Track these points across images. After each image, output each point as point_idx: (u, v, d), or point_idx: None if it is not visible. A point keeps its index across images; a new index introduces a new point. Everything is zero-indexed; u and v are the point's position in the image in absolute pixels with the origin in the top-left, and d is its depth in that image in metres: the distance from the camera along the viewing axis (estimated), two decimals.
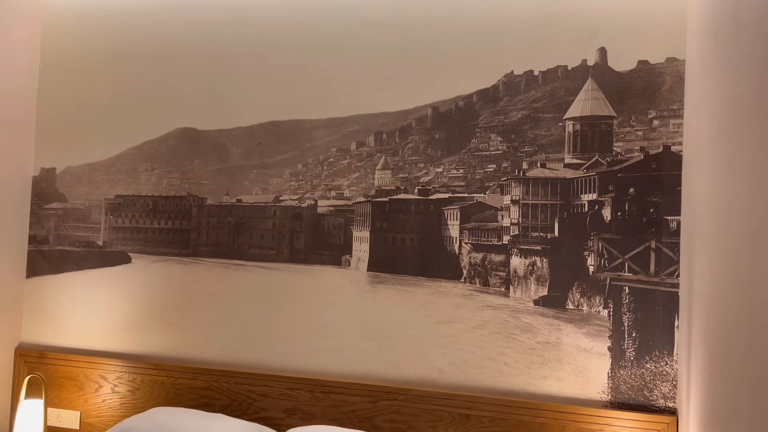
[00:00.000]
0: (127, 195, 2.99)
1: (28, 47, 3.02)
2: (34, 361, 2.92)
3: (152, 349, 2.85)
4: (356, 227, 2.73)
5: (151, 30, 2.96)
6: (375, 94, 2.71)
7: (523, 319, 2.51)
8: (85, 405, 2.86)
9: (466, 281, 2.59)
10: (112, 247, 2.99)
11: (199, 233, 2.91)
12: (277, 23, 2.82)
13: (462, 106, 2.63)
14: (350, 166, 2.77)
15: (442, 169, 2.64)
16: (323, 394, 2.61)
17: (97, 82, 3.02)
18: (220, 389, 2.70)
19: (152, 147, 2.96)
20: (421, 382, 2.56)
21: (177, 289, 2.88)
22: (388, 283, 2.67)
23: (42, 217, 3.07)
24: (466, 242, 2.59)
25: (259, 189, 2.86)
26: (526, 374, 2.47)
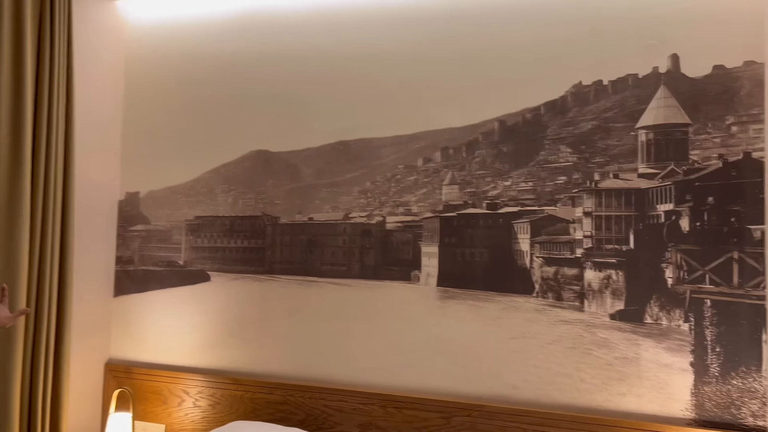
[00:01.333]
0: (206, 216, 3.13)
1: (113, 81, 3.23)
2: (121, 376, 3.08)
3: (231, 364, 2.95)
4: (424, 242, 2.75)
5: (224, 60, 3.10)
6: (440, 110, 2.74)
7: (599, 333, 2.45)
8: (169, 418, 2.98)
9: (539, 296, 2.55)
10: (192, 266, 3.13)
11: (273, 251, 3.00)
12: (342, 47, 2.90)
13: (529, 119, 2.62)
14: (417, 182, 2.79)
15: (511, 183, 2.63)
16: (396, 409, 2.62)
17: (176, 111, 3.18)
18: (296, 404, 2.76)
19: (228, 170, 3.09)
20: (494, 398, 2.54)
21: (254, 305, 2.98)
22: (458, 298, 2.66)
23: (127, 239, 3.25)
24: (537, 256, 2.56)
25: (330, 207, 2.93)
26: (603, 390, 2.41)
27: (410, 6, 2.80)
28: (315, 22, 2.96)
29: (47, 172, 2.70)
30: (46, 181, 2.70)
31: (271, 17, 3.03)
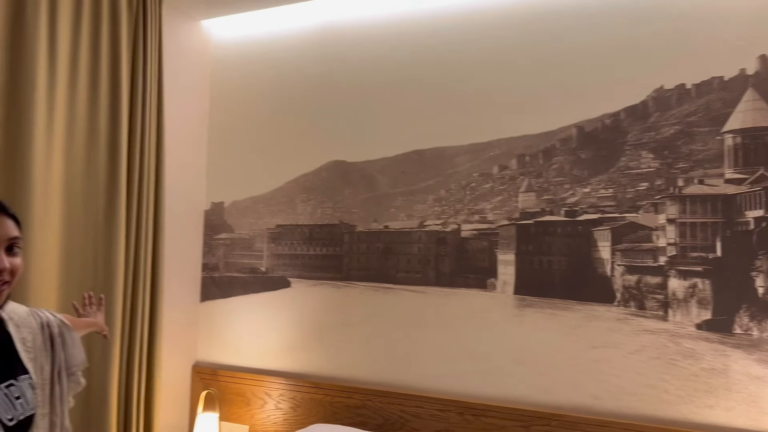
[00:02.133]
0: (286, 224, 3.24)
1: (199, 97, 3.40)
2: (208, 378, 3.22)
3: (311, 369, 3.04)
4: (501, 250, 2.75)
5: (302, 74, 3.21)
6: (516, 117, 2.74)
7: (684, 344, 2.38)
8: (252, 419, 3.10)
9: (620, 304, 2.50)
10: (274, 272, 3.24)
11: (350, 258, 3.08)
12: (417, 56, 2.94)
13: (609, 125, 2.58)
14: (493, 190, 2.80)
15: (590, 190, 2.59)
16: (473, 417, 2.63)
17: (258, 124, 3.31)
18: (374, 408, 2.82)
19: (307, 180, 3.19)
20: (574, 408, 2.50)
21: (332, 311, 3.06)
22: (535, 306, 2.65)
23: (213, 247, 3.40)
24: (618, 264, 2.51)
25: (405, 215, 2.97)
26: (689, 402, 2.34)
27: (484, 14, 2.81)
28: (389, 33, 3.02)
29: (140, 185, 2.87)
30: (140, 193, 2.87)
31: (347, 31, 3.12)
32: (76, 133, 2.65)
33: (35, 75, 2.44)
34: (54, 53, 2.54)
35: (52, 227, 2.55)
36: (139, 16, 2.88)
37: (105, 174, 2.75)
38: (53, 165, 2.55)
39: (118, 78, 2.79)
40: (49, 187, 2.53)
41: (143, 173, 2.88)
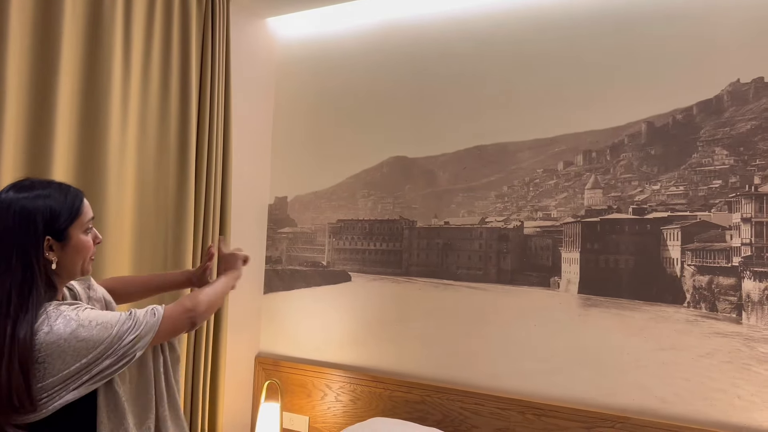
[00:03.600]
0: (347, 219, 3.28)
1: (264, 93, 3.47)
2: (270, 369, 3.30)
3: (371, 362, 3.06)
4: (565, 248, 2.70)
5: (365, 70, 3.23)
6: (582, 112, 2.68)
7: (759, 348, 2.28)
8: (312, 411, 3.15)
9: (690, 306, 2.42)
10: (335, 266, 3.29)
11: (410, 254, 3.09)
12: (478, 51, 2.92)
13: (680, 120, 2.49)
14: (557, 187, 2.75)
15: (659, 187, 2.52)
16: (535, 416, 2.60)
17: (321, 121, 3.36)
18: (433, 404, 2.82)
19: (368, 175, 3.22)
20: (640, 411, 2.44)
21: (392, 306, 3.07)
22: (600, 306, 2.59)
23: (276, 240, 3.47)
24: (688, 264, 2.43)
25: (466, 211, 2.96)
26: (764, 409, 2.24)
27: (550, 7, 2.76)
28: (452, 29, 3.00)
29: (208, 179, 2.96)
30: (207, 187, 2.96)
31: (409, 26, 3.12)
32: (148, 128, 2.75)
33: (111, 73, 2.54)
34: (128, 50, 2.64)
35: (126, 218, 2.66)
36: (208, 13, 2.97)
37: (175, 169, 2.85)
38: (127, 159, 2.65)
39: (188, 75, 2.87)
40: (123, 179, 2.63)
41: (211, 168, 2.97)
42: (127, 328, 1.34)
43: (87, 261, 1.43)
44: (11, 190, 1.35)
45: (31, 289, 1.29)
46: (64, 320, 1.29)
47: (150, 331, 1.37)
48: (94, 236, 1.45)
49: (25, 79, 2.30)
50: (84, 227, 1.41)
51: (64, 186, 1.42)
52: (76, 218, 1.38)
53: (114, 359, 1.32)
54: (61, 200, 1.37)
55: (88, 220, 1.42)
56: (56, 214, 1.35)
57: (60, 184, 1.42)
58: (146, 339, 1.37)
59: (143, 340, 1.36)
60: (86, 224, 1.42)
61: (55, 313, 1.31)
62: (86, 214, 1.42)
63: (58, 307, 1.33)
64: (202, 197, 2.93)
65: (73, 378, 1.28)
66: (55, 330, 1.28)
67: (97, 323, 1.32)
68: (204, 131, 2.94)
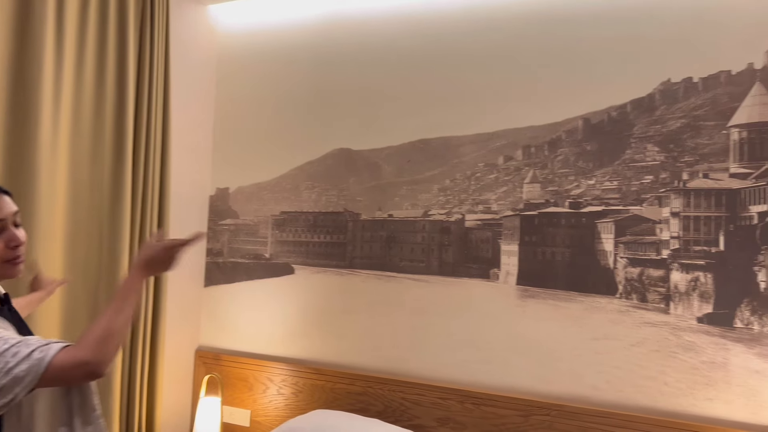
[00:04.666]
0: (291, 211, 3.25)
1: (205, 83, 3.40)
2: (210, 363, 3.25)
3: (313, 355, 3.06)
4: (504, 241, 2.76)
5: (309, 61, 3.21)
6: (523, 108, 2.74)
7: (685, 337, 2.39)
8: (254, 404, 3.13)
9: (622, 297, 2.51)
10: (278, 259, 3.26)
11: (354, 246, 3.09)
12: (424, 46, 2.94)
13: (615, 117, 2.58)
14: (498, 180, 2.80)
15: (595, 182, 2.60)
16: (474, 405, 2.65)
17: (264, 111, 3.32)
18: (375, 395, 2.84)
19: (312, 167, 3.20)
20: (574, 398, 2.52)
21: (335, 298, 3.07)
22: (538, 297, 2.66)
23: (217, 232, 3.42)
24: (621, 256, 2.52)
25: (409, 204, 2.98)
26: (689, 395, 2.35)
27: (493, 6, 2.81)
28: (396, 22, 3.01)
29: (146, 170, 2.88)
30: (145, 178, 2.88)
31: (355, 19, 3.11)
32: (82, 117, 2.66)
33: (42, 58, 2.44)
34: (61, 35, 2.54)
35: (58, 210, 2.56)
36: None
37: (111, 162, 2.76)
38: (59, 148, 2.55)
39: (125, 62, 2.79)
40: (55, 170, 2.54)
41: (149, 159, 2.89)
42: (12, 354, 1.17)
43: None
44: None
45: None
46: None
47: (29, 374, 1.16)
48: (7, 239, 1.33)
49: None
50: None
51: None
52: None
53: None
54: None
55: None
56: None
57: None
58: (26, 380, 1.16)
59: (24, 381, 1.16)
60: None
61: None
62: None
63: None
64: (139, 189, 2.85)
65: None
66: None
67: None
68: (142, 122, 2.86)
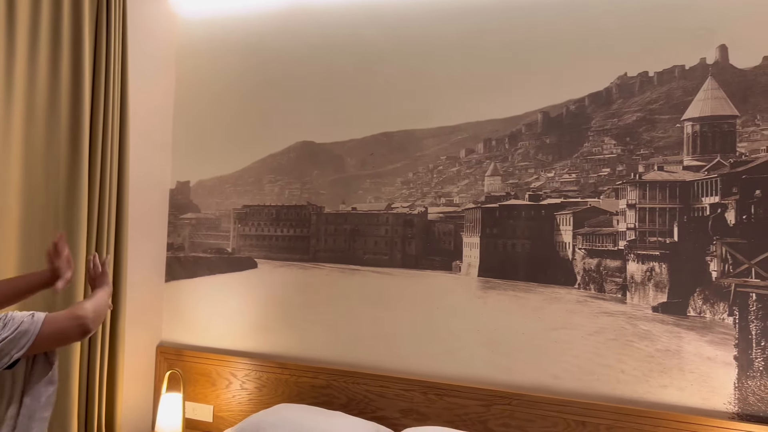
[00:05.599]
0: (253, 205, 3.22)
1: (164, 73, 3.34)
2: (172, 358, 3.21)
3: (277, 349, 3.04)
4: (466, 233, 2.78)
5: (271, 52, 3.18)
6: (483, 101, 2.76)
7: (641, 326, 2.45)
8: (217, 399, 3.10)
9: (581, 287, 2.56)
10: (240, 253, 3.23)
11: (318, 240, 3.08)
12: (386, 39, 2.94)
13: (573, 110, 2.62)
14: (460, 173, 2.83)
15: (554, 174, 2.64)
16: (437, 396, 2.67)
17: (225, 103, 3.28)
18: (339, 388, 2.84)
19: (275, 160, 3.18)
20: (534, 387, 2.57)
21: (299, 292, 3.06)
22: (499, 288, 2.70)
23: (178, 227, 3.37)
24: (579, 248, 2.57)
25: (373, 197, 2.98)
26: (644, 382, 2.41)
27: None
28: (359, 14, 3.01)
29: (103, 162, 2.82)
30: (102, 170, 2.82)
31: (317, 10, 3.09)
32: (35, 108, 2.59)
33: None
34: (12, 20, 2.46)
35: (11, 206, 2.49)
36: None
37: (66, 155, 2.69)
38: (11, 140, 2.48)
39: (80, 50, 2.71)
40: (8, 163, 2.46)
41: (106, 152, 2.82)
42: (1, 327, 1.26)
43: None
44: None
45: None
46: None
47: (26, 335, 1.29)
48: None
49: None
50: None
51: None
52: None
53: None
54: None
55: None
56: None
57: None
58: (23, 341, 1.28)
59: (20, 342, 1.28)
60: None
61: None
62: None
63: None
64: (96, 183, 2.79)
65: None
66: None
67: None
68: (98, 114, 2.79)
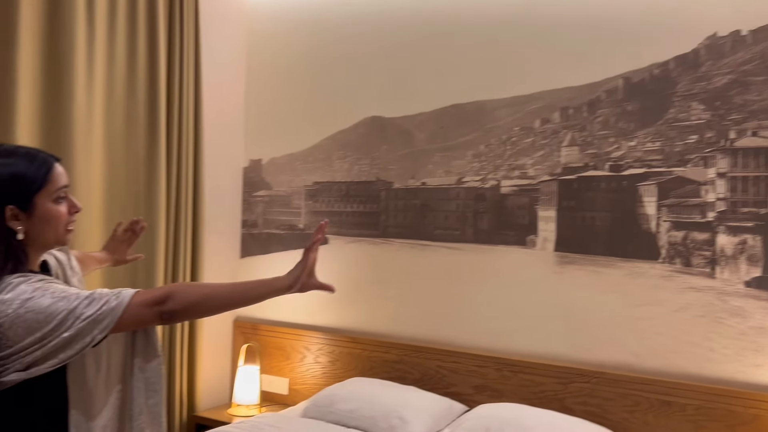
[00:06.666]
0: (323, 181, 3.23)
1: (236, 54, 3.37)
2: (248, 332, 3.28)
3: (349, 324, 3.06)
4: (541, 206, 2.69)
5: (340, 29, 3.15)
6: (559, 68, 2.64)
7: (731, 302, 2.31)
8: (292, 373, 3.16)
9: (665, 261, 2.43)
10: (311, 229, 3.26)
11: (387, 215, 3.06)
12: (455, 8, 2.85)
13: (657, 75, 2.47)
14: (534, 145, 2.73)
15: (636, 143, 2.50)
16: (511, 373, 2.62)
17: (295, 81, 3.28)
18: (411, 363, 2.83)
19: (344, 136, 3.17)
20: (615, 366, 2.47)
21: (369, 268, 3.06)
22: (576, 263, 2.60)
23: (252, 204, 3.43)
24: (664, 220, 2.43)
25: (443, 171, 2.93)
26: (735, 361, 2.28)
27: None
28: None
29: (180, 144, 2.90)
30: (179, 151, 2.90)
31: None
32: (115, 94, 2.68)
33: (74, 34, 2.45)
34: (92, 12, 2.54)
35: (95, 187, 2.60)
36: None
37: (144, 135, 2.78)
38: (94, 127, 2.58)
39: (155, 36, 2.78)
40: (91, 148, 2.56)
41: (182, 132, 2.90)
42: (86, 305, 1.23)
43: (61, 231, 1.34)
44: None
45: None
46: (19, 292, 1.23)
47: (109, 316, 1.24)
48: (69, 205, 1.35)
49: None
50: (53, 195, 1.32)
51: (32, 152, 1.34)
52: (42, 186, 1.29)
53: (70, 335, 1.21)
54: (25, 167, 1.29)
55: (58, 188, 1.32)
56: (19, 182, 1.27)
57: (28, 151, 1.34)
58: (105, 323, 1.23)
59: (102, 323, 1.23)
60: (56, 192, 1.32)
61: (12, 285, 1.25)
62: (56, 181, 1.32)
63: (20, 281, 1.26)
64: (173, 163, 2.87)
65: (26, 351, 1.21)
66: (7, 300, 1.22)
67: (54, 296, 1.23)
68: (174, 95, 2.86)
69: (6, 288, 1.24)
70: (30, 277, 1.28)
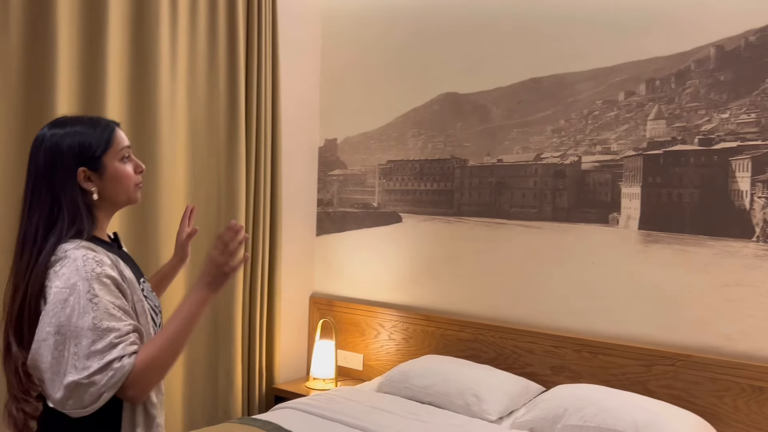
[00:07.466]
0: (397, 160, 3.23)
1: (311, 35, 3.40)
2: (324, 308, 3.35)
3: (423, 302, 3.06)
4: (625, 183, 2.59)
5: (413, 6, 3.12)
6: (645, 38, 2.51)
7: None
8: (366, 349, 3.20)
9: (759, 240, 2.29)
10: (385, 208, 3.27)
11: (462, 193, 3.03)
12: None
13: (754, 42, 2.30)
14: (618, 118, 2.62)
15: (729, 115, 2.36)
16: (590, 354, 2.55)
17: (369, 60, 3.28)
18: (486, 342, 2.81)
19: (418, 114, 3.14)
20: (702, 348, 2.36)
21: (443, 246, 3.04)
22: (662, 242, 2.49)
23: (327, 183, 3.47)
24: (759, 196, 2.29)
25: (520, 148, 2.86)
26: None
27: None
28: None
29: (258, 123, 2.96)
30: (258, 130, 2.97)
31: None
32: (197, 74, 2.76)
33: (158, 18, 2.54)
34: None
35: (179, 164, 2.70)
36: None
37: (225, 113, 2.86)
38: (177, 105, 2.67)
39: (234, 17, 2.85)
40: (175, 125, 2.66)
41: (261, 111, 2.96)
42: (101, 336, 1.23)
43: (131, 189, 1.41)
44: (46, 127, 1.37)
45: (55, 223, 1.30)
46: (66, 275, 1.25)
47: (109, 388, 1.23)
48: (135, 165, 1.42)
49: (75, 29, 2.34)
50: (119, 155, 1.38)
51: (95, 119, 1.42)
52: (108, 147, 1.36)
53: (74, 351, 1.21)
54: (91, 132, 1.36)
55: (122, 149, 1.39)
56: (86, 145, 1.34)
57: (91, 118, 1.42)
58: (107, 388, 1.23)
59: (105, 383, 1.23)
60: (121, 152, 1.39)
61: (71, 258, 1.27)
62: (119, 142, 1.39)
63: (83, 253, 1.27)
64: (252, 142, 2.94)
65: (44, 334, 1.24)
66: (60, 274, 1.26)
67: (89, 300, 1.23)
68: (252, 75, 2.92)
69: (65, 260, 1.27)
70: (91, 253, 1.28)
